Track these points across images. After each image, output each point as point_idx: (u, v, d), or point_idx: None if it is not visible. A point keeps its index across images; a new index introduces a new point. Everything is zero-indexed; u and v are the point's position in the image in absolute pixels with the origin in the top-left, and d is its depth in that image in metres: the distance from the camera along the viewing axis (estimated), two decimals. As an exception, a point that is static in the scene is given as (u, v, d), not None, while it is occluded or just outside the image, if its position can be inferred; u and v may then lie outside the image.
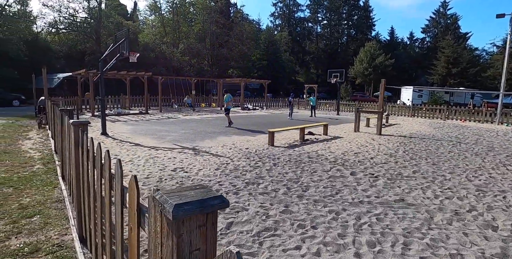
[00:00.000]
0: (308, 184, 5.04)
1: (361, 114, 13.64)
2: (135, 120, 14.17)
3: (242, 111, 21.69)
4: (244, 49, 51.90)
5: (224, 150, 7.51)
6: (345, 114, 22.51)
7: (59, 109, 4.47)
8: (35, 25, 37.42)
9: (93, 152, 2.03)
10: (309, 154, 7.45)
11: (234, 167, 5.85)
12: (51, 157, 6.17)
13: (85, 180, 2.34)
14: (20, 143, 7.85)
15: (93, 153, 2.03)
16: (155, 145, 7.94)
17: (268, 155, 7.13)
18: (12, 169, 5.24)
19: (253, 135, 10.37)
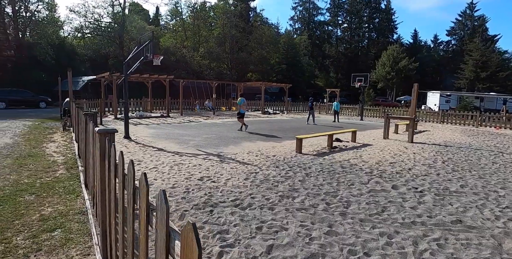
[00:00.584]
0: (348, 198, 4.54)
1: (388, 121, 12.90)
2: (157, 123, 14.07)
3: (263, 116, 21.32)
4: (263, 53, 51.76)
5: (250, 157, 7.11)
6: (369, 120, 21.69)
7: (83, 114, 4.22)
8: (62, 30, 38.82)
9: (123, 169, 1.67)
10: (342, 163, 6.93)
11: (264, 176, 5.43)
12: (74, 161, 5.98)
13: (112, 198, 1.99)
14: (45, 145, 7.77)
15: (123, 170, 1.67)
16: (179, 150, 7.66)
17: (297, 163, 6.67)
18: (35, 174, 5.05)
19: (278, 141, 9.94)
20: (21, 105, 22.22)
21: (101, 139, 2.21)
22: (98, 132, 2.22)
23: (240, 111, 12.54)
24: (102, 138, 2.21)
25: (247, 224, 3.40)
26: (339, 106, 18.84)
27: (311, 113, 16.47)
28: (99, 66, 32.49)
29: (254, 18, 58.24)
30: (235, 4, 52.95)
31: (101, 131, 2.23)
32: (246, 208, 3.88)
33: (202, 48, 45.10)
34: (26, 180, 4.71)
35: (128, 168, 1.54)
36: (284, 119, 19.45)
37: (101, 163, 2.28)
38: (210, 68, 44.40)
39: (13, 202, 3.82)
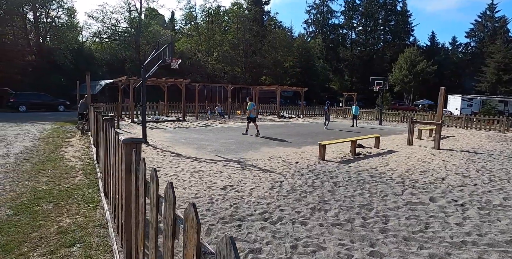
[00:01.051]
0: (385, 212, 4.15)
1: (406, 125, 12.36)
2: (173, 127, 13.95)
3: (279, 120, 20.99)
4: (277, 56, 51.55)
5: (272, 164, 6.79)
6: (388, 124, 21.01)
7: (103, 119, 4.01)
8: (80, 35, 39.77)
9: (156, 190, 1.39)
10: (369, 172, 6.52)
11: (290, 186, 5.10)
12: (92, 167, 5.81)
13: (140, 220, 1.72)
14: (63, 149, 7.69)
15: (157, 191, 1.39)
16: (197, 155, 7.42)
17: (323, 171, 6.30)
18: (53, 180, 4.89)
19: (298, 147, 9.58)
20: (41, 109, 22.68)
21: (126, 150, 1.95)
22: (123, 142, 1.96)
23: (250, 116, 12.38)
24: (128, 149, 1.95)
25: (280, 241, 3.08)
26: (358, 110, 18.28)
27: (327, 117, 16.02)
28: (116, 70, 33.00)
29: (268, 22, 58.18)
30: (249, 8, 53.09)
31: (127, 141, 1.97)
32: (277, 222, 3.56)
33: (216, 52, 45.30)
34: (45, 186, 4.54)
35: (165, 193, 1.26)
36: (301, 123, 19.06)
37: (126, 176, 2.02)
38: (225, 72, 44.49)
39: (31, 211, 3.63)
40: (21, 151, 7.10)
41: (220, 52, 44.47)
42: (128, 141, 1.98)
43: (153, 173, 1.44)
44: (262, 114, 24.82)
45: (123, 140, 1.96)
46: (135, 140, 2.00)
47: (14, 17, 30.18)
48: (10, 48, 27.91)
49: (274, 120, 20.73)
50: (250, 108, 12.40)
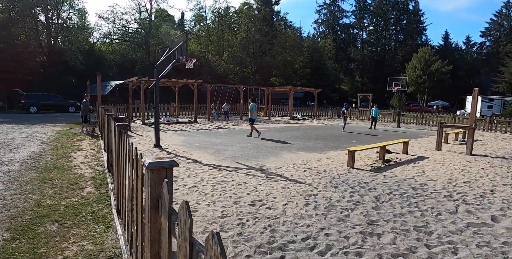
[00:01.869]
0: (449, 237, 3.47)
1: (424, 127, 11.57)
2: (186, 130, 13.42)
3: (292, 122, 20.30)
4: (287, 57, 50.84)
5: (298, 173, 6.15)
6: (406, 127, 20.10)
7: (115, 125, 3.44)
8: (91, 36, 39.81)
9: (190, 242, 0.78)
10: (408, 183, 5.82)
11: (326, 201, 4.45)
12: (103, 176, 5.26)
13: None
14: (72, 155, 7.19)
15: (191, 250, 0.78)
16: (215, 162, 6.82)
17: (357, 182, 5.63)
18: (60, 192, 4.34)
19: (320, 152, 8.91)
20: (52, 110, 22.49)
21: (154, 178, 1.35)
22: (149, 167, 1.34)
23: (252, 117, 11.92)
24: (156, 177, 1.35)
25: (338, 282, 2.45)
26: (377, 112, 17.46)
27: (344, 120, 15.28)
28: (126, 71, 32.80)
29: (278, 22, 57.51)
30: (258, 8, 52.50)
31: (155, 165, 1.35)
32: (326, 252, 2.92)
33: (226, 52, 44.85)
34: (49, 200, 3.99)
35: None
36: (316, 126, 18.34)
37: (153, 214, 1.42)
38: (234, 73, 44.00)
39: (32, 234, 3.07)
40: (28, 157, 6.61)
41: (230, 53, 44.00)
42: (156, 165, 1.36)
43: (184, 211, 0.83)
44: (274, 116, 24.19)
45: (148, 163, 1.35)
46: (166, 164, 1.39)
47: (26, 19, 30.24)
48: (22, 49, 27.92)
49: (287, 122, 20.05)
50: (252, 109, 11.99)
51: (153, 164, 1.35)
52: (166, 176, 1.39)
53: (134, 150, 2.09)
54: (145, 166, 1.38)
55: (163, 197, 1.28)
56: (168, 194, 1.21)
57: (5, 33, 25.60)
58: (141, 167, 1.83)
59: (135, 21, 39.95)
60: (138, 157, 1.86)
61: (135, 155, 2.02)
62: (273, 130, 14.55)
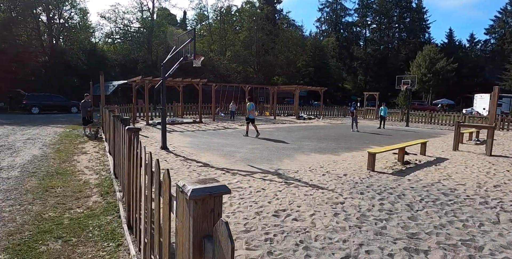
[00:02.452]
0: (502, 253, 3.06)
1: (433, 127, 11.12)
2: (191, 130, 13.03)
3: (299, 121, 19.87)
4: (289, 55, 50.37)
5: (317, 177, 5.74)
6: (415, 126, 19.63)
7: (126, 129, 3.04)
8: (93, 36, 39.45)
9: None
10: (437, 187, 5.41)
11: (356, 210, 4.04)
12: (109, 182, 4.87)
13: None
14: (76, 158, 6.80)
15: None
16: (227, 165, 6.42)
17: (383, 187, 5.22)
18: (63, 202, 3.95)
19: (335, 153, 8.49)
20: (54, 110, 22.15)
21: (196, 210, 0.93)
22: (193, 196, 0.85)
23: (249, 116, 11.64)
24: (199, 209, 0.92)
25: None
26: (386, 111, 17.00)
27: (354, 119, 14.83)
28: (128, 71, 32.46)
29: (281, 21, 57.03)
30: (261, 7, 52.02)
31: (199, 193, 0.87)
32: (373, 276, 2.51)
33: (229, 51, 44.43)
34: (52, 212, 3.60)
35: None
36: (323, 125, 17.91)
37: (195, 257, 1.01)
38: (237, 72, 43.59)
39: (33, 254, 2.68)
40: (29, 161, 6.23)
41: (233, 52, 43.58)
42: (201, 193, 0.90)
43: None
44: (279, 115, 23.77)
45: (191, 191, 0.91)
46: (215, 190, 0.93)
47: (28, 18, 29.91)
48: (23, 49, 27.60)
49: (294, 121, 19.62)
50: (250, 109, 11.69)
51: (197, 191, 0.94)
52: (213, 206, 0.99)
53: (156, 163, 1.69)
54: (184, 193, 0.97)
55: (217, 243, 0.87)
56: (229, 243, 0.79)
57: (6, 33, 25.28)
58: (167, 187, 1.43)
59: (137, 21, 39.59)
60: (165, 176, 1.45)
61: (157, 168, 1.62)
62: (281, 130, 14.14)
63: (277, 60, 48.24)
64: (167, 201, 1.44)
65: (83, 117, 10.63)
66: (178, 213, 1.17)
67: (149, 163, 1.89)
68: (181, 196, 1.07)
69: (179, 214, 1.15)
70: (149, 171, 1.90)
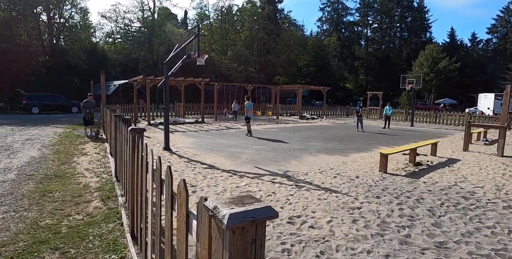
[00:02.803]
0: (545, 266, 2.79)
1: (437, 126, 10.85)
2: (194, 130, 12.77)
3: (302, 121, 19.60)
4: (291, 55, 50.06)
5: (329, 179, 5.47)
6: (420, 126, 19.35)
7: (130, 130, 2.77)
8: (93, 36, 39.21)
9: None
10: (455, 190, 5.14)
11: (374, 216, 3.77)
12: (111, 186, 4.60)
13: None
14: (75, 160, 6.54)
15: None
16: (233, 167, 6.16)
17: (399, 190, 4.94)
18: (61, 208, 3.69)
19: (343, 154, 8.22)
20: (54, 110, 21.91)
21: (233, 241, 0.66)
22: (231, 225, 0.58)
23: (247, 116, 11.56)
24: (238, 239, 0.65)
25: None
26: (391, 111, 16.72)
27: (359, 119, 14.55)
28: (129, 71, 32.20)
29: (282, 20, 56.71)
30: (262, 6, 51.69)
31: (240, 220, 0.60)
32: (406, 294, 2.24)
33: (230, 51, 44.15)
34: (49, 219, 3.34)
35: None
36: (327, 125, 17.63)
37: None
38: (239, 72, 43.31)
39: (26, 268, 2.42)
40: (27, 163, 5.97)
41: (234, 52, 43.29)
42: (242, 220, 0.64)
43: None
44: (282, 115, 23.50)
45: (228, 217, 0.65)
46: (259, 215, 0.67)
47: (28, 18, 29.67)
48: (24, 49, 27.35)
49: (297, 121, 19.35)
50: (248, 107, 11.58)
51: (237, 218, 0.65)
52: (255, 236, 0.72)
53: (167, 170, 1.42)
54: (218, 219, 0.70)
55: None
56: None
57: (6, 33, 25.04)
58: (183, 201, 1.17)
59: (138, 20, 39.33)
60: (181, 187, 1.18)
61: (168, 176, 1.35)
62: (285, 130, 13.87)
63: (279, 60, 47.95)
64: (183, 219, 1.18)
65: (84, 118, 10.32)
66: (200, 239, 0.91)
67: (158, 169, 1.63)
68: (209, 219, 0.81)
69: (203, 241, 0.88)
70: (158, 179, 1.64)
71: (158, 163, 1.67)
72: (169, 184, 1.40)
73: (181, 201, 1.20)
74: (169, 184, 1.40)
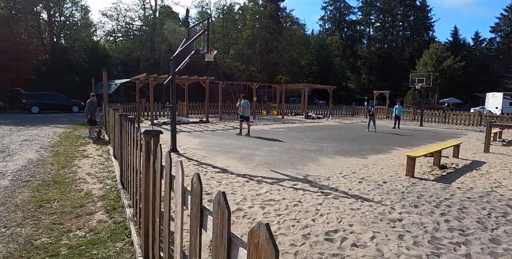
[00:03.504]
0: None
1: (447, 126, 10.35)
2: (199, 130, 12.27)
3: (308, 121, 19.09)
4: (293, 54, 49.53)
5: (354, 185, 4.97)
6: (429, 125, 18.83)
7: (143, 133, 2.27)
8: (94, 34, 38.70)
9: None
10: (496, 198, 4.64)
11: (420, 229, 3.27)
12: (116, 194, 4.11)
13: None
14: (76, 163, 6.05)
15: None
16: (248, 171, 5.66)
17: (436, 197, 4.44)
18: (60, 221, 3.20)
19: (360, 156, 7.72)
20: (54, 110, 21.44)
21: None
22: None
23: (244, 114, 11.22)
24: None
25: None
26: (401, 110, 16.20)
27: (372, 119, 14.04)
28: (130, 70, 31.71)
29: (284, 19, 56.17)
30: (264, 5, 51.15)
31: None
32: None
33: (232, 50, 43.63)
34: (46, 237, 2.84)
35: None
36: (335, 125, 17.12)
37: None
38: (241, 71, 42.81)
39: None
40: (23, 167, 5.48)
41: (236, 50, 42.77)
42: None
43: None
44: (287, 115, 22.99)
45: None
46: None
47: (28, 16, 29.18)
48: (24, 47, 26.87)
49: (303, 121, 18.85)
50: (244, 106, 11.24)
51: None
52: None
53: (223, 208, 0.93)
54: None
55: None
56: None
57: (6, 31, 24.56)
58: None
59: (139, 19, 38.82)
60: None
61: (222, 220, 0.86)
62: (294, 130, 13.36)
63: (281, 59, 47.43)
64: (223, 247, 0.70)
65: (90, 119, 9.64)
66: None
67: (197, 204, 1.13)
68: None
69: None
70: (197, 225, 1.13)
71: (197, 185, 1.18)
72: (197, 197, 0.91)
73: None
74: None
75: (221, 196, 1.04)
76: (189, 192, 1.32)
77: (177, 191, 1.44)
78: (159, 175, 1.84)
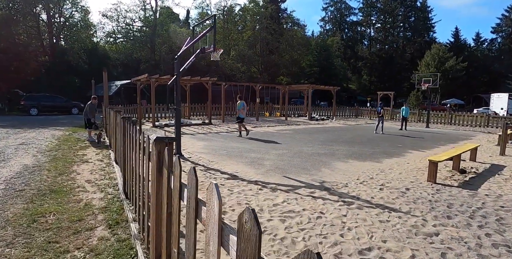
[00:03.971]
0: None
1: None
2: (203, 133, 11.90)
3: (312, 122, 18.72)
4: (294, 55, 49.24)
5: (375, 192, 4.60)
6: (435, 127, 18.47)
7: (155, 141, 1.90)
8: (95, 35, 38.40)
9: None
10: (533, 206, 4.26)
11: (464, 246, 2.90)
12: (119, 205, 3.73)
13: None
14: (75, 169, 5.67)
15: None
16: (260, 177, 5.29)
17: (467, 206, 4.07)
18: (56, 239, 2.82)
19: (374, 160, 7.35)
20: (54, 111, 21.04)
21: None
22: None
23: (239, 116, 11.18)
24: None
25: None
26: (408, 112, 15.85)
27: (381, 120, 13.67)
28: (131, 71, 31.39)
29: (285, 20, 55.92)
30: (265, 6, 50.90)
31: None
32: None
33: (233, 51, 43.34)
34: (40, 259, 2.46)
35: None
36: (340, 127, 16.74)
37: None
38: (242, 72, 42.49)
39: None
40: (18, 173, 5.10)
41: (237, 52, 42.48)
42: None
43: None
44: (290, 116, 22.62)
45: None
46: None
47: (27, 17, 28.86)
48: (23, 48, 26.52)
49: (307, 123, 18.48)
50: (240, 107, 11.16)
51: None
52: None
53: None
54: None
55: None
56: None
57: (5, 32, 24.21)
58: None
59: (139, 19, 38.51)
60: None
61: None
62: (300, 132, 12.98)
63: (282, 60, 47.16)
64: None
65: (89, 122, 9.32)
66: None
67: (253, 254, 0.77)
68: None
69: None
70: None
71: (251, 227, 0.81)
72: None
73: None
74: None
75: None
76: (231, 230, 0.94)
77: (209, 224, 1.07)
78: (177, 195, 1.47)
